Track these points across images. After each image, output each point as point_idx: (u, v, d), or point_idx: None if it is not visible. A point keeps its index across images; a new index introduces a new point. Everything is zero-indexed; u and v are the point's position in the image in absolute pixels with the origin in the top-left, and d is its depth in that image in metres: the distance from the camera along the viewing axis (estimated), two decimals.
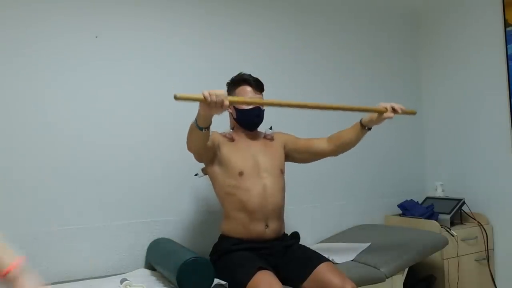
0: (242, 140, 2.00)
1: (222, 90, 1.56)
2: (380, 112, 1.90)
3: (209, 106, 1.53)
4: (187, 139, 1.79)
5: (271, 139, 2.07)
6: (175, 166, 2.23)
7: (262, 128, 2.08)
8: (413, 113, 2.04)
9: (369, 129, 1.98)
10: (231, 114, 2.02)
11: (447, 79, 3.00)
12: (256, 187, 1.90)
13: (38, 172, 1.97)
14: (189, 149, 1.83)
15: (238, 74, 2.01)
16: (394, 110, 1.92)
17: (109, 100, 2.15)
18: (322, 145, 2.06)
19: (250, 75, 1.99)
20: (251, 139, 2.02)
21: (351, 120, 2.80)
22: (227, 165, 1.91)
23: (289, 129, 2.20)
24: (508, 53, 2.61)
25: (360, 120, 1.98)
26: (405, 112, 1.95)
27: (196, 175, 2.04)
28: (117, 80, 2.17)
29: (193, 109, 2.31)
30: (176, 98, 1.46)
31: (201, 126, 1.67)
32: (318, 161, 2.34)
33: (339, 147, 2.04)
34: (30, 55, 1.99)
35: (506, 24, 2.62)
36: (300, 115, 2.66)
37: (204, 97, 1.51)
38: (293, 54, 2.67)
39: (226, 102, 1.53)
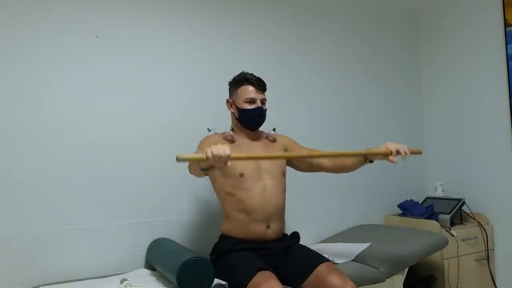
0: (244, 141, 1.99)
1: (226, 147, 1.49)
2: (385, 155, 1.80)
3: (210, 162, 1.50)
4: (189, 166, 1.83)
5: (274, 140, 2.06)
6: (175, 166, 2.20)
7: (265, 128, 2.08)
8: (419, 152, 1.88)
9: (371, 161, 1.92)
10: (233, 113, 2.02)
11: (447, 79, 3.00)
12: (257, 188, 1.90)
13: (38, 172, 1.97)
14: (192, 174, 1.87)
15: (241, 73, 2.00)
16: (399, 153, 1.79)
17: (109, 100, 2.15)
18: (323, 160, 2.04)
19: (252, 74, 1.98)
20: (252, 140, 2.01)
21: (352, 128, 2.82)
22: (227, 168, 1.90)
23: (291, 131, 2.20)
24: (508, 53, 2.61)
25: (365, 156, 1.91)
26: (412, 153, 1.81)
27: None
28: (117, 80, 2.17)
29: (193, 109, 2.33)
30: (178, 159, 1.40)
31: (202, 168, 1.71)
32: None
33: (338, 169, 2.03)
34: (30, 55, 1.99)
35: (506, 24, 2.62)
36: (303, 118, 2.67)
37: (207, 158, 1.47)
38: (294, 54, 2.67)
39: (229, 163, 1.51)
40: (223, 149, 1.47)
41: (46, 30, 2.02)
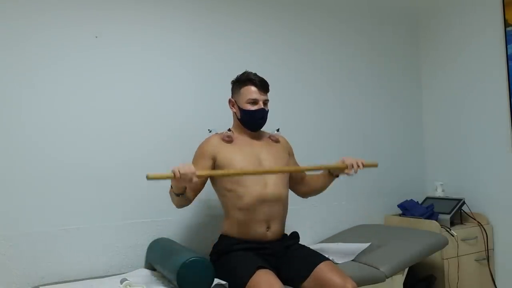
0: (245, 139, 1.99)
1: (191, 166, 1.65)
2: (341, 169, 1.95)
3: (179, 181, 1.64)
4: (172, 200, 1.86)
5: (276, 141, 2.07)
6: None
7: (267, 129, 2.08)
8: (375, 165, 2.06)
9: (337, 176, 2.03)
10: (235, 113, 2.02)
11: (447, 79, 2.99)
12: (257, 185, 1.89)
13: (38, 172, 1.97)
14: (178, 208, 1.91)
15: (244, 73, 1.99)
16: (353, 166, 1.92)
17: (110, 99, 2.15)
18: (299, 185, 2.15)
19: (255, 74, 1.97)
20: (254, 138, 2.02)
21: (352, 127, 2.83)
22: (227, 165, 1.91)
23: (292, 129, 2.21)
24: (508, 53, 2.61)
25: (328, 170, 2.03)
26: (367, 166, 1.97)
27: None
28: (118, 80, 2.17)
29: (195, 108, 2.33)
30: (148, 178, 1.58)
31: (176, 193, 1.77)
32: (317, 161, 2.33)
33: (308, 193, 2.17)
34: (31, 55, 1.99)
35: (506, 24, 2.61)
36: (304, 116, 2.66)
37: (174, 174, 1.61)
38: (295, 52, 2.67)
39: (195, 179, 1.64)
40: (188, 167, 1.63)
41: (46, 31, 2.02)
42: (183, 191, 1.76)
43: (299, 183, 2.14)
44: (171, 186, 1.77)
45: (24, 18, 1.99)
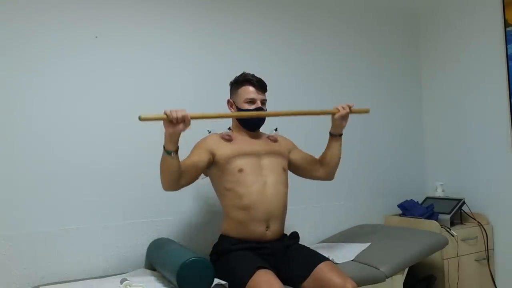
0: (244, 139, 2.00)
1: (183, 109, 1.65)
2: (333, 114, 2.00)
3: (172, 123, 1.64)
4: (161, 177, 1.78)
5: (275, 140, 2.07)
6: None
7: (266, 130, 2.08)
8: (367, 111, 2.13)
9: (340, 135, 2.07)
10: None
11: (447, 79, 3.00)
12: (257, 184, 1.90)
13: (38, 173, 1.97)
14: (166, 187, 1.80)
15: (241, 74, 2.00)
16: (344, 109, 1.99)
17: (110, 100, 2.15)
18: (318, 168, 2.13)
19: (253, 75, 1.98)
20: (253, 138, 2.02)
21: (352, 127, 2.81)
22: (226, 165, 1.91)
23: (292, 130, 2.21)
24: (508, 53, 2.61)
25: (329, 133, 2.08)
26: (356, 111, 2.04)
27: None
28: (117, 80, 2.17)
29: (194, 108, 2.32)
30: (140, 119, 1.61)
31: (169, 150, 1.70)
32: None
33: (329, 168, 2.11)
34: (31, 55, 1.99)
35: (506, 24, 2.61)
36: (306, 119, 2.66)
37: (166, 115, 1.62)
38: (295, 53, 2.68)
39: (188, 117, 1.64)
40: (181, 110, 1.64)
41: (46, 31, 2.02)
42: (176, 147, 1.71)
43: (315, 165, 2.12)
44: (164, 148, 1.71)
45: (24, 19, 1.99)
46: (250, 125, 2.00)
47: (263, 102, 1.98)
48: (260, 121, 2.00)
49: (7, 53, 1.95)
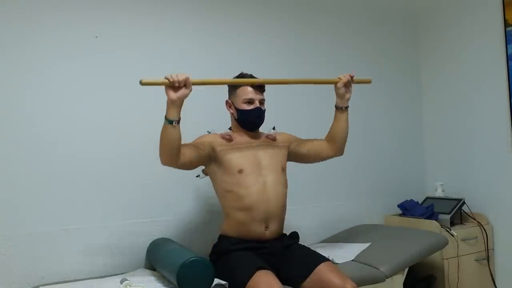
0: (243, 139, 2.00)
1: (184, 73, 1.65)
2: (335, 83, 2.03)
3: (174, 88, 1.64)
4: (159, 149, 1.75)
5: (274, 139, 2.07)
6: None
7: (265, 128, 2.08)
8: (368, 81, 2.16)
9: (346, 108, 2.08)
10: (232, 114, 2.02)
11: (447, 79, 2.99)
12: (257, 184, 1.90)
13: (38, 173, 1.98)
14: (164, 160, 1.77)
15: (240, 74, 2.00)
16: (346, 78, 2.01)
17: (109, 100, 2.15)
18: (325, 147, 2.11)
19: (251, 75, 1.99)
20: (252, 138, 2.02)
21: (352, 128, 2.81)
22: (226, 165, 1.91)
23: (290, 130, 2.20)
24: (508, 53, 2.61)
25: (335, 106, 2.09)
26: (358, 81, 2.07)
27: (197, 176, 2.04)
28: (117, 80, 2.17)
29: (193, 109, 2.32)
30: (141, 83, 1.61)
31: (170, 118, 1.69)
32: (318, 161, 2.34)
33: (337, 142, 2.10)
34: (31, 55, 1.99)
35: (506, 24, 2.61)
36: (302, 117, 2.66)
37: (167, 79, 1.63)
38: (294, 52, 2.68)
39: (190, 81, 1.65)
40: (181, 73, 1.64)
41: (46, 31, 2.03)
42: (178, 117, 1.71)
43: (321, 146, 2.11)
44: (165, 117, 1.71)
45: (24, 19, 1.99)
46: (250, 125, 2.00)
47: (262, 102, 1.98)
48: (259, 120, 2.00)
49: (7, 53, 1.95)
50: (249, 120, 1.98)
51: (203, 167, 2.00)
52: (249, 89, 1.95)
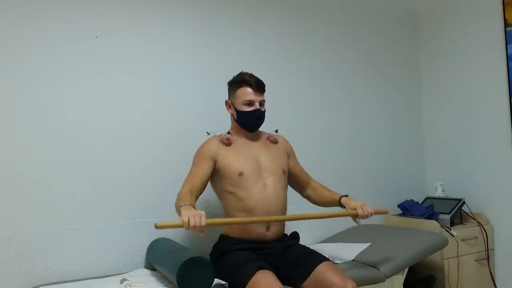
0: (243, 141, 2.00)
1: (203, 217, 1.59)
2: (353, 215, 1.95)
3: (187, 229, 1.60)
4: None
5: (275, 141, 2.07)
6: (175, 166, 2.22)
7: (266, 129, 2.08)
8: (385, 212, 2.17)
9: (344, 207, 2.03)
10: (232, 115, 2.02)
11: (447, 79, 2.99)
12: (257, 186, 1.90)
13: (38, 172, 1.97)
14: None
15: (239, 74, 2.00)
16: (365, 216, 1.93)
17: (109, 100, 2.15)
18: (304, 188, 2.17)
19: (251, 75, 1.98)
20: (252, 140, 2.02)
21: (352, 128, 2.83)
22: (226, 168, 1.92)
23: (290, 130, 2.21)
24: (508, 53, 2.61)
25: (340, 199, 2.05)
26: (377, 213, 2.02)
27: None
28: (117, 80, 2.17)
29: (193, 109, 2.33)
30: (156, 227, 1.54)
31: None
32: (318, 161, 2.35)
33: (316, 203, 2.17)
34: (31, 55, 1.99)
35: (506, 24, 2.61)
36: (302, 118, 2.66)
37: (183, 224, 1.57)
38: (294, 54, 2.67)
39: (204, 228, 1.59)
40: (199, 218, 1.57)
41: (46, 31, 2.02)
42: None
43: (305, 185, 2.16)
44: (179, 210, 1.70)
45: (24, 19, 1.98)
46: (249, 126, 2.00)
47: (261, 103, 1.98)
48: (259, 121, 1.99)
49: (7, 53, 1.95)
50: (248, 122, 1.98)
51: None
52: (249, 90, 1.94)
